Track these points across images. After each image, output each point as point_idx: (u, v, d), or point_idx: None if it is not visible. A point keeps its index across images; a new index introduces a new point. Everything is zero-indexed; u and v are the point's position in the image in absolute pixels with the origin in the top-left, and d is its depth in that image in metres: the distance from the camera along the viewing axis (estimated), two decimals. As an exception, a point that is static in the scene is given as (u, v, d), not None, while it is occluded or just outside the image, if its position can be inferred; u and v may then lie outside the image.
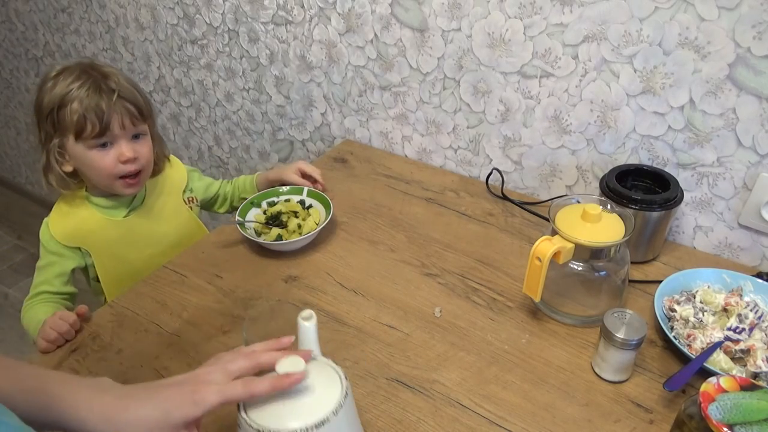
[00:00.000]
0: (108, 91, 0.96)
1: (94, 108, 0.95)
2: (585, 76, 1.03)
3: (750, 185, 0.95)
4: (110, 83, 0.97)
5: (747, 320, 0.82)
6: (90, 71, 0.98)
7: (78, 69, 0.98)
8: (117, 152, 0.98)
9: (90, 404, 0.57)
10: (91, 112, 0.95)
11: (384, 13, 1.20)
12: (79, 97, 0.95)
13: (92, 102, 0.95)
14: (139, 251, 1.09)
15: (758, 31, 0.85)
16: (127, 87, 0.99)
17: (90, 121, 0.95)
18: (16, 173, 2.79)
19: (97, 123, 0.95)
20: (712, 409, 0.59)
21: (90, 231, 1.05)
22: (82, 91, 0.95)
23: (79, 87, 0.95)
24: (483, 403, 0.78)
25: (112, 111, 0.96)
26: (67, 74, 0.97)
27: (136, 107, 0.99)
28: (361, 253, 1.05)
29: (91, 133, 0.95)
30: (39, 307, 1.00)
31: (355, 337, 0.88)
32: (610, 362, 0.78)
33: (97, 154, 0.98)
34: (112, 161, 0.98)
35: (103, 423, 0.57)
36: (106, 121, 0.95)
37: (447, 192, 1.22)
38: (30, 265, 2.36)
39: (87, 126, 0.95)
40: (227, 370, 0.60)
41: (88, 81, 0.96)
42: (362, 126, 1.40)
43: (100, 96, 0.95)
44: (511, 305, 0.93)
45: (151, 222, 1.11)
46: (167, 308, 0.94)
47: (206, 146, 1.83)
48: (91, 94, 0.95)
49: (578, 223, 0.83)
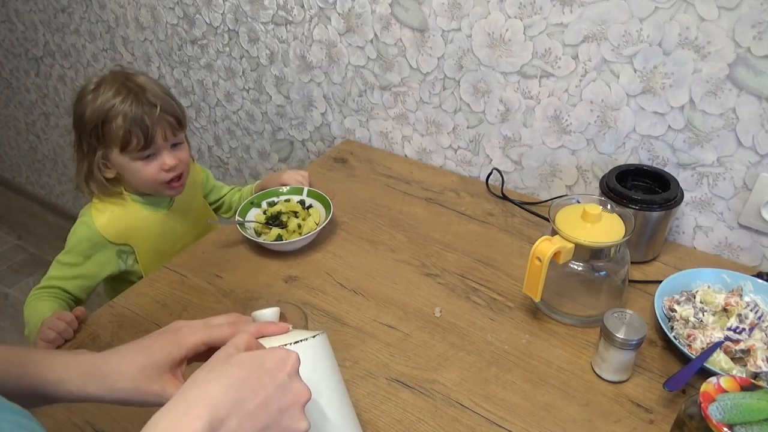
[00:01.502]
0: (149, 104, 0.99)
1: (139, 123, 0.98)
2: (585, 76, 1.03)
3: (750, 185, 0.95)
4: (149, 96, 1.00)
5: (747, 320, 0.82)
6: (127, 83, 1.00)
7: (116, 82, 1.00)
8: (160, 162, 1.02)
9: (67, 364, 0.57)
10: (136, 127, 0.98)
11: (384, 13, 1.20)
12: (123, 112, 0.97)
13: (137, 117, 0.98)
14: (174, 244, 1.14)
15: (758, 31, 0.85)
16: (165, 99, 1.02)
17: (135, 135, 0.98)
18: (16, 173, 2.79)
19: (143, 138, 0.98)
20: (712, 409, 0.59)
21: (136, 226, 1.09)
22: (125, 106, 0.98)
23: (121, 101, 0.98)
24: (483, 403, 0.78)
25: (156, 125, 0.99)
26: (107, 87, 1.00)
27: (175, 118, 1.03)
28: (361, 253, 1.05)
29: (136, 146, 0.99)
30: (45, 302, 1.01)
31: (355, 337, 0.88)
32: (610, 362, 0.78)
33: (141, 164, 1.02)
34: (156, 170, 1.02)
35: (83, 378, 0.56)
36: (151, 135, 0.99)
37: (447, 192, 1.22)
38: (30, 265, 2.39)
39: (132, 140, 0.98)
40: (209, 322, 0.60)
41: (129, 95, 0.98)
42: (362, 126, 1.40)
43: (143, 110, 0.98)
44: (511, 305, 0.93)
45: (185, 214, 1.17)
46: (167, 308, 0.94)
47: (206, 146, 1.83)
48: (135, 109, 0.98)
49: (578, 223, 0.83)
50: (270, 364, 0.49)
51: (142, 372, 0.56)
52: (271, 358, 0.49)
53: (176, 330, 0.59)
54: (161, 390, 0.55)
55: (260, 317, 0.62)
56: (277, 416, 0.48)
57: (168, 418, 0.44)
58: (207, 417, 0.44)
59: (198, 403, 0.45)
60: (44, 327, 0.88)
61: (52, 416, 0.77)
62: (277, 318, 0.63)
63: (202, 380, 0.47)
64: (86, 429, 0.75)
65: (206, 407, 0.44)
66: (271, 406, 0.47)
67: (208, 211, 1.26)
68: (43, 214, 2.71)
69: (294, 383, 0.49)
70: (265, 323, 0.60)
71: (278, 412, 0.48)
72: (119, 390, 0.56)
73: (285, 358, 0.50)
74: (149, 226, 1.10)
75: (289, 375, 0.49)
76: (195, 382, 0.48)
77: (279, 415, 0.48)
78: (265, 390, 0.47)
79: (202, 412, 0.44)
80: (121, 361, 0.57)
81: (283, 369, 0.49)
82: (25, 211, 2.73)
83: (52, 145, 2.41)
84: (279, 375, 0.49)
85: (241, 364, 0.48)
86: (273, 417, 0.47)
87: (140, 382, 0.56)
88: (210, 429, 0.44)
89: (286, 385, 0.49)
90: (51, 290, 1.03)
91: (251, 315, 0.62)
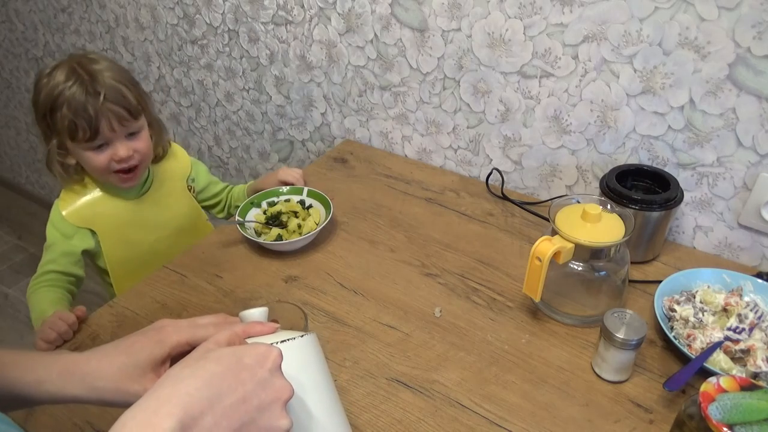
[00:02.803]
0: (94, 94, 0.95)
1: (82, 113, 0.94)
2: (585, 76, 1.03)
3: (750, 185, 0.95)
4: (96, 86, 0.95)
5: (747, 320, 0.82)
6: (78, 69, 0.97)
7: (67, 67, 0.97)
8: (112, 152, 0.99)
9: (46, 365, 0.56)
10: (80, 118, 0.94)
11: (384, 13, 1.20)
12: (67, 100, 0.94)
13: (80, 106, 0.94)
14: (145, 235, 1.11)
15: (758, 31, 0.85)
16: (114, 87, 0.97)
17: (80, 126, 0.95)
18: (16, 173, 2.79)
19: (87, 128, 0.95)
20: (712, 409, 0.59)
21: (100, 213, 1.07)
22: (70, 93, 0.94)
23: (68, 88, 0.95)
24: (483, 403, 0.78)
25: (100, 115, 0.95)
26: (59, 72, 0.97)
27: (124, 108, 0.98)
28: (361, 253, 1.05)
29: (83, 137, 0.96)
30: (44, 292, 1.01)
31: (355, 337, 0.88)
32: (610, 362, 0.78)
33: (92, 154, 0.99)
34: (106, 160, 0.99)
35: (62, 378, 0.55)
36: (95, 125, 0.95)
37: (447, 192, 1.22)
38: (30, 265, 2.39)
39: (78, 131, 0.95)
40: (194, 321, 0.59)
41: (76, 82, 0.95)
42: (362, 126, 1.40)
43: (87, 99, 0.94)
44: (511, 305, 0.93)
45: (158, 206, 1.13)
46: (167, 308, 0.94)
47: (206, 146, 1.83)
48: (78, 97, 0.94)
49: (578, 223, 0.83)
50: (249, 360, 0.47)
51: (123, 371, 0.54)
52: (251, 353, 0.47)
53: (159, 329, 0.58)
54: (142, 390, 0.53)
55: (248, 317, 0.60)
56: (257, 414, 0.45)
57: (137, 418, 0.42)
58: (179, 415, 0.41)
59: (170, 400, 0.43)
60: (45, 327, 0.88)
61: (52, 416, 0.77)
62: (265, 318, 0.61)
63: (176, 377, 0.45)
64: (86, 429, 0.75)
65: (178, 405, 0.42)
66: (249, 403, 0.45)
67: (193, 207, 1.21)
68: (43, 214, 2.67)
69: (275, 379, 0.47)
70: (252, 323, 0.57)
71: (257, 409, 0.46)
72: (100, 389, 0.54)
73: (266, 353, 0.48)
74: (114, 213, 1.08)
75: (270, 371, 0.47)
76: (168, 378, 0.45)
77: (258, 413, 0.46)
78: (243, 386, 0.45)
79: (174, 409, 0.42)
80: (102, 361, 0.55)
81: (263, 365, 0.47)
82: (25, 211, 2.73)
83: (52, 145, 2.41)
84: (259, 371, 0.47)
85: (219, 359, 0.46)
86: (251, 414, 0.45)
87: (121, 381, 0.54)
88: (182, 427, 0.41)
89: (266, 381, 0.47)
90: (46, 276, 1.03)
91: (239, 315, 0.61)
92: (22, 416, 0.77)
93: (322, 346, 0.66)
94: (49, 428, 0.76)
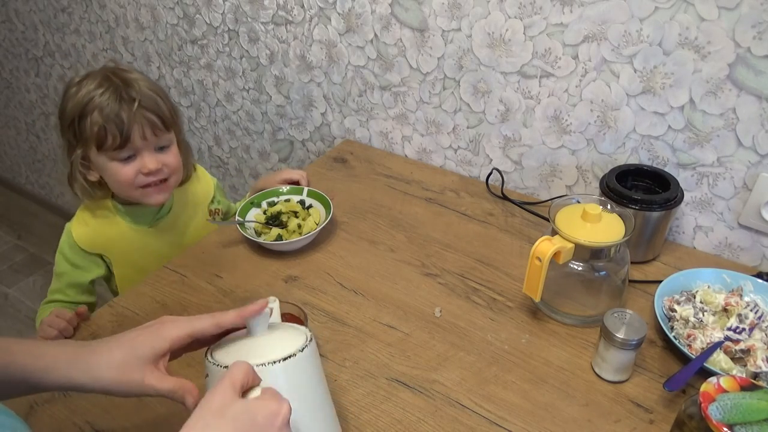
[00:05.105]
0: (129, 100, 0.91)
1: (114, 119, 0.90)
2: (585, 76, 1.03)
3: (750, 185, 0.95)
4: (131, 91, 0.92)
5: (747, 320, 0.82)
6: (112, 77, 0.93)
7: (100, 75, 0.94)
8: (140, 164, 0.94)
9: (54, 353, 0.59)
10: (111, 124, 0.90)
11: (384, 13, 1.20)
12: (99, 106, 0.90)
13: (112, 112, 0.90)
14: (159, 262, 1.05)
15: (758, 31, 0.85)
16: (149, 95, 0.94)
17: (110, 132, 0.91)
18: (16, 173, 2.79)
19: (118, 135, 0.91)
20: (712, 409, 0.59)
21: (113, 239, 1.03)
22: (102, 99, 0.90)
23: (100, 95, 0.91)
24: (483, 403, 0.78)
25: (133, 122, 0.91)
26: (90, 80, 0.93)
27: (158, 117, 0.94)
28: (361, 253, 1.05)
29: (112, 144, 0.91)
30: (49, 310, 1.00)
31: (355, 337, 0.88)
32: (610, 362, 0.78)
33: (118, 165, 0.94)
34: (133, 173, 0.94)
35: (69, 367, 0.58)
36: (126, 133, 0.91)
37: (447, 192, 1.22)
38: (30, 265, 2.39)
39: (108, 138, 0.91)
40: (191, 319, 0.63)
41: (109, 89, 0.92)
42: (362, 126, 1.40)
43: (120, 105, 0.91)
44: (511, 305, 0.93)
45: (175, 234, 1.09)
46: (167, 308, 0.94)
47: (206, 146, 1.83)
48: (112, 103, 0.90)
49: (578, 223, 0.83)
50: (262, 419, 0.51)
51: (124, 362, 0.58)
52: (264, 412, 0.51)
53: (161, 323, 0.61)
54: (141, 378, 0.57)
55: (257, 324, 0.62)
56: None
57: None
58: None
59: None
60: (44, 325, 0.89)
61: (52, 416, 0.77)
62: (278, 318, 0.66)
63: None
64: (86, 429, 0.75)
65: None
66: None
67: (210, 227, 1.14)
68: (43, 214, 2.71)
69: None
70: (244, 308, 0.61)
71: None
72: (103, 379, 0.58)
73: (276, 411, 0.52)
74: (127, 240, 1.04)
75: (279, 429, 0.52)
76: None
77: None
78: None
79: None
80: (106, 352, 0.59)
81: (274, 423, 0.51)
82: (25, 211, 2.73)
83: (52, 145, 2.41)
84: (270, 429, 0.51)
85: (236, 418, 0.50)
86: None
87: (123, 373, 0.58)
88: None
89: None
90: (53, 304, 1.02)
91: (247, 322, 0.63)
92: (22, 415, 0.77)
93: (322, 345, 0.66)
94: (49, 428, 0.76)
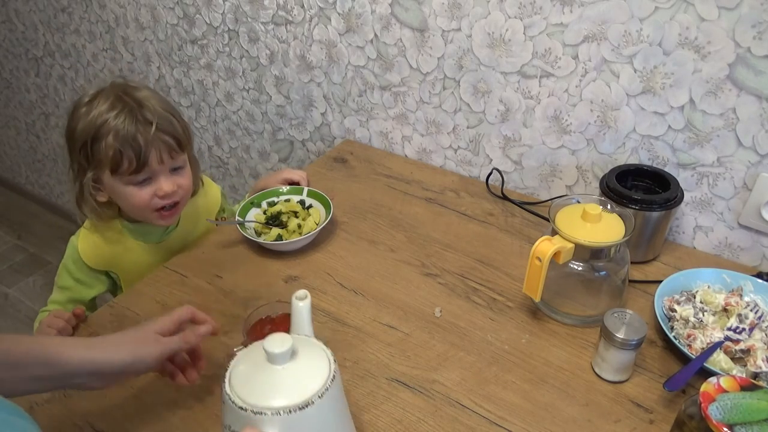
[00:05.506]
0: (144, 122, 0.89)
1: (131, 143, 0.88)
2: (585, 76, 1.03)
3: (750, 185, 0.95)
4: (146, 113, 0.90)
5: (747, 320, 0.82)
6: (124, 97, 0.91)
7: (112, 94, 0.91)
8: (155, 187, 0.93)
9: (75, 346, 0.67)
10: (127, 148, 0.88)
11: (384, 13, 1.20)
12: (114, 129, 0.88)
13: (129, 135, 0.88)
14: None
15: (758, 31, 0.85)
16: (164, 116, 0.92)
17: (127, 157, 0.88)
18: (16, 173, 2.79)
19: (134, 159, 0.89)
20: (712, 409, 0.59)
21: (121, 256, 1.02)
22: (117, 122, 0.88)
23: (114, 117, 0.88)
24: (483, 403, 0.78)
25: (150, 146, 0.89)
26: (101, 100, 0.90)
27: (174, 139, 0.92)
28: (361, 253, 1.05)
29: (128, 169, 0.89)
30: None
31: (355, 337, 0.88)
32: (610, 362, 0.78)
33: (134, 189, 0.92)
34: (148, 196, 0.93)
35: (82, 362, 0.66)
36: (143, 157, 0.89)
37: (447, 192, 1.22)
38: (30, 265, 2.39)
39: (124, 162, 0.89)
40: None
41: (123, 110, 0.89)
42: (362, 126, 1.40)
43: (137, 129, 0.88)
44: (511, 305, 0.93)
45: (184, 248, 1.08)
46: (167, 308, 0.93)
47: (206, 146, 1.83)
48: (128, 127, 0.88)
49: (578, 223, 0.83)
50: None
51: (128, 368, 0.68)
52: None
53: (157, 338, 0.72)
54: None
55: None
56: None
57: None
58: None
59: None
60: (43, 326, 0.89)
61: (52, 416, 0.77)
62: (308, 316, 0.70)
63: None
64: (86, 429, 0.75)
65: None
66: None
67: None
68: (43, 214, 2.71)
69: None
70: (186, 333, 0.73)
71: None
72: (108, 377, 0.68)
73: None
74: (136, 256, 1.03)
75: None
76: None
77: None
78: None
79: None
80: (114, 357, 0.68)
81: None
82: (25, 211, 2.73)
83: (52, 145, 2.41)
84: None
85: None
86: None
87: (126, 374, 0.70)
88: None
89: None
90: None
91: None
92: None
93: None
94: (49, 428, 0.76)
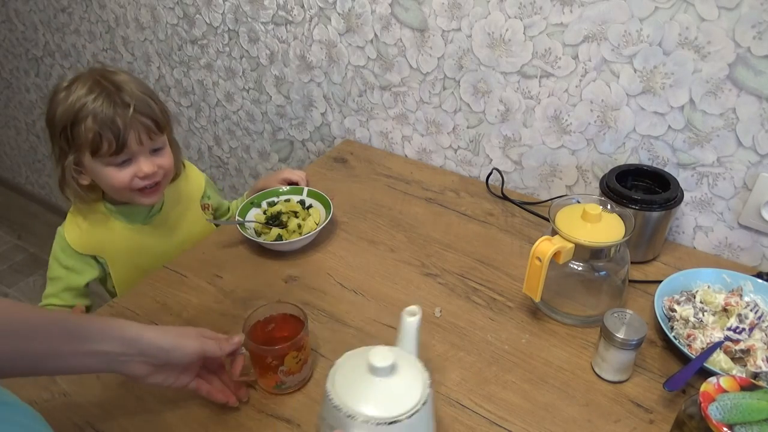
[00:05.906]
0: (123, 105, 0.91)
1: (110, 125, 0.90)
2: (585, 76, 1.03)
3: (750, 185, 0.95)
4: (124, 96, 0.91)
5: (747, 320, 0.82)
6: (102, 81, 0.92)
7: (90, 79, 0.93)
8: (135, 168, 0.94)
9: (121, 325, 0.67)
10: (106, 130, 0.90)
11: (384, 13, 1.20)
12: (93, 112, 0.90)
13: (107, 118, 0.90)
14: (155, 259, 1.05)
15: (758, 31, 0.85)
16: (142, 98, 0.93)
17: (106, 139, 0.90)
18: (16, 173, 2.79)
19: (114, 141, 0.90)
20: (712, 409, 0.59)
21: (107, 239, 1.03)
22: (96, 106, 0.90)
23: (93, 100, 0.90)
24: (483, 403, 0.78)
25: (129, 128, 0.91)
26: (80, 85, 0.92)
27: (152, 120, 0.94)
28: (361, 253, 1.05)
29: (107, 151, 0.91)
30: None
31: (355, 337, 0.88)
32: (610, 362, 0.78)
33: (114, 170, 0.94)
34: (128, 177, 0.94)
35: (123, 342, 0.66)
36: (122, 139, 0.91)
37: (447, 192, 1.22)
38: (30, 265, 2.39)
39: (103, 144, 0.90)
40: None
41: (101, 94, 0.91)
42: (362, 126, 1.40)
43: (115, 111, 0.90)
44: (511, 305, 0.93)
45: (169, 230, 1.09)
46: (167, 308, 0.94)
47: (206, 146, 1.83)
48: (106, 109, 0.90)
49: (578, 223, 0.83)
50: None
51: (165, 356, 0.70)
52: None
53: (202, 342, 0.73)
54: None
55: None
56: None
57: None
58: None
59: None
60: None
61: (51, 416, 0.76)
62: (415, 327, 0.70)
63: None
64: (86, 429, 0.75)
65: None
66: None
67: (207, 228, 1.15)
68: (43, 214, 2.71)
69: None
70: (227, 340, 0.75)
71: None
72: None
73: None
74: (122, 239, 1.04)
75: None
76: None
77: None
78: None
79: None
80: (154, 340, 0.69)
81: None
82: (25, 211, 2.73)
83: (52, 145, 2.41)
84: None
85: None
86: None
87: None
88: None
89: None
90: (49, 308, 1.01)
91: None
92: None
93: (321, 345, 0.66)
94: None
